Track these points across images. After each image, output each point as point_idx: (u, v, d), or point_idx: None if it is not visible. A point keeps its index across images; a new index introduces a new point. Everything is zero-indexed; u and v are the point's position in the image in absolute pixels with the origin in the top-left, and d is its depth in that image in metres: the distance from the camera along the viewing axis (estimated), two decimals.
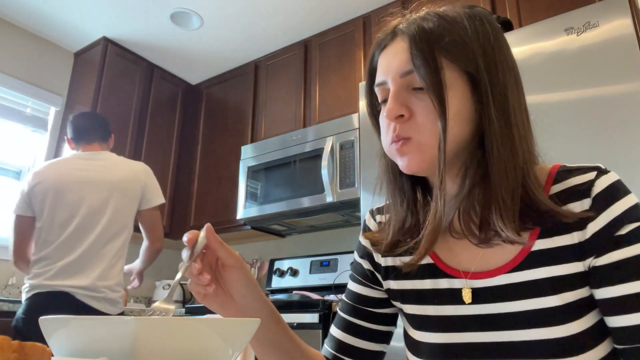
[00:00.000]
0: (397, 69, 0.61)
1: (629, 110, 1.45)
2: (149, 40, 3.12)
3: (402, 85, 0.61)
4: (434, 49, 0.58)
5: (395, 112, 0.59)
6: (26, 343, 0.34)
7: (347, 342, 0.73)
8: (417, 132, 0.59)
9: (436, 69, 0.58)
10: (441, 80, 0.57)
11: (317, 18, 2.87)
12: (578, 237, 0.57)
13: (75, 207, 1.83)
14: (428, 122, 0.58)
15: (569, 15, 1.63)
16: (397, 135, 0.60)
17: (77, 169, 1.90)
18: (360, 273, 0.76)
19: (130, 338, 0.38)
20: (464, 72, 0.59)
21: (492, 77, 0.59)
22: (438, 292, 0.65)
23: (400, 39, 0.63)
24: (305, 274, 2.73)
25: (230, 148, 3.16)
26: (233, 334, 0.45)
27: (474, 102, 0.59)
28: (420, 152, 0.59)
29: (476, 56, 0.59)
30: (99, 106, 2.94)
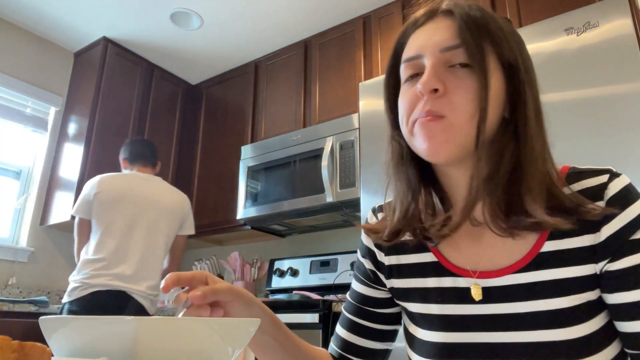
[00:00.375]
0: (437, 44, 0.59)
1: (629, 110, 1.45)
2: (149, 40, 3.12)
3: (441, 60, 0.58)
4: (481, 30, 0.58)
5: (431, 84, 0.56)
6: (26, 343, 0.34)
7: (352, 342, 0.73)
8: (451, 111, 0.56)
9: (483, 48, 0.57)
10: (486, 60, 0.56)
11: (317, 18, 2.87)
12: (590, 240, 0.56)
13: (134, 218, 2.08)
14: (464, 101, 0.56)
15: (569, 15, 1.63)
16: (428, 110, 0.57)
17: (138, 186, 2.15)
18: (362, 273, 0.76)
19: (130, 338, 0.38)
20: (502, 61, 0.58)
21: (527, 71, 0.59)
22: (442, 290, 0.64)
23: (442, 18, 0.61)
24: (305, 274, 2.73)
25: (230, 148, 3.16)
26: (233, 334, 0.45)
27: (507, 92, 0.59)
28: (449, 133, 0.56)
29: (514, 48, 0.59)
30: (99, 106, 2.94)
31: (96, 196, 2.07)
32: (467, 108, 0.56)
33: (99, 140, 2.91)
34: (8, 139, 2.95)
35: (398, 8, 2.62)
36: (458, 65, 0.57)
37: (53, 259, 2.93)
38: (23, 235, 2.87)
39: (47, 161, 3.02)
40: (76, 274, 2.00)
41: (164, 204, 2.17)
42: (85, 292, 1.93)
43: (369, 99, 2.09)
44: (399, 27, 2.58)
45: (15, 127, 2.97)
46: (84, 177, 2.80)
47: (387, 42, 2.61)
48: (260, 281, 3.04)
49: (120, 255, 2.01)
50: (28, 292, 2.76)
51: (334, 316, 1.99)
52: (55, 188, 2.92)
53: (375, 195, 1.95)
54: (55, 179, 2.95)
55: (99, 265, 1.97)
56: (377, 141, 2.01)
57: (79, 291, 1.94)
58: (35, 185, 2.96)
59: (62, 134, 3.06)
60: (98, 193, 2.08)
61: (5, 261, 2.72)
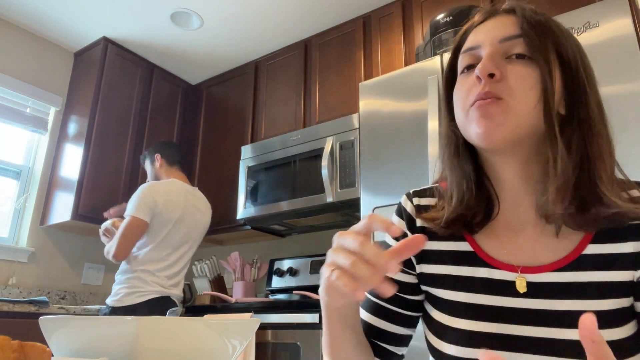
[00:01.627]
0: (497, 35, 0.61)
1: (629, 110, 1.45)
2: (149, 40, 3.12)
3: (499, 50, 0.60)
4: (542, 26, 0.60)
5: (489, 69, 0.58)
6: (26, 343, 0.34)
7: (378, 326, 0.71)
8: (510, 95, 0.57)
9: (545, 40, 0.59)
10: (548, 49, 0.58)
11: (317, 18, 2.87)
12: (634, 247, 0.57)
13: (187, 233, 2.26)
14: (521, 87, 0.58)
15: (569, 15, 1.63)
16: (487, 92, 0.58)
17: (190, 200, 2.30)
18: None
19: (130, 338, 0.38)
20: (561, 59, 0.60)
21: (587, 72, 0.61)
22: (475, 280, 0.64)
23: (503, 15, 0.63)
24: (305, 274, 2.73)
25: (230, 148, 3.16)
26: (233, 334, 0.45)
27: (565, 89, 0.60)
28: (507, 115, 0.57)
29: (574, 49, 0.61)
30: (99, 106, 2.94)
31: (163, 206, 2.17)
32: (525, 94, 0.57)
33: (99, 140, 2.91)
34: (8, 139, 2.95)
35: (398, 8, 2.62)
36: (514, 56, 0.59)
37: (53, 259, 2.93)
38: (23, 235, 2.87)
39: (47, 161, 3.02)
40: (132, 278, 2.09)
41: (204, 221, 2.39)
42: (145, 297, 2.07)
43: (369, 99, 2.09)
44: (399, 27, 2.58)
45: (15, 127, 2.97)
46: (84, 177, 2.80)
47: (387, 42, 2.61)
48: (260, 281, 3.04)
49: (172, 265, 2.20)
50: (28, 292, 2.76)
51: None
52: (55, 188, 2.92)
53: (375, 195, 1.95)
54: (55, 179, 2.95)
55: (160, 275, 2.15)
56: (377, 141, 2.01)
57: (142, 296, 2.07)
58: (35, 185, 2.96)
59: (62, 134, 3.06)
60: (166, 202, 2.19)
61: (5, 261, 2.72)
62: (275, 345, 2.08)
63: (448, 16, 2.03)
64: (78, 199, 2.74)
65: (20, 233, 2.89)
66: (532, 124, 0.58)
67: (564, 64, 0.60)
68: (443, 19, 2.04)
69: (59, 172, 2.95)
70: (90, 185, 2.81)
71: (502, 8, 0.64)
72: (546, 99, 0.57)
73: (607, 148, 0.59)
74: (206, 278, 2.96)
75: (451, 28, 2.00)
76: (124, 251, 2.10)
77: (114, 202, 2.82)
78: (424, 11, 2.51)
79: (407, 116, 1.95)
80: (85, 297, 3.03)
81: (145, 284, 2.08)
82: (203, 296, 2.80)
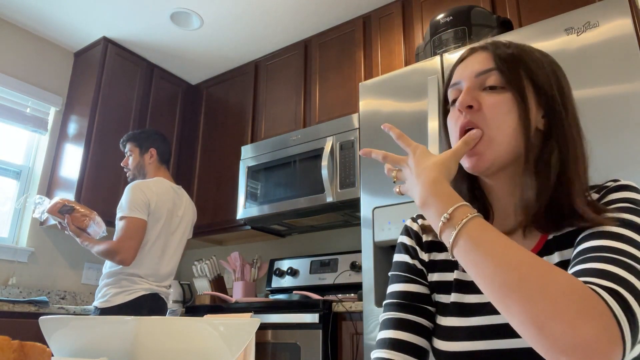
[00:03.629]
0: (473, 70, 0.70)
1: (629, 110, 1.45)
2: (149, 40, 3.12)
3: (475, 83, 0.69)
4: (514, 56, 0.69)
5: (466, 101, 0.67)
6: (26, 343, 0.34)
7: (402, 339, 0.71)
8: (486, 126, 0.66)
9: (516, 70, 0.67)
10: (520, 77, 0.67)
11: (317, 18, 2.87)
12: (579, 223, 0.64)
13: (173, 233, 2.21)
14: (496, 116, 0.66)
15: (569, 15, 1.63)
16: (467, 122, 0.67)
17: (176, 200, 2.24)
18: (405, 269, 0.79)
19: (130, 338, 0.38)
20: (534, 83, 0.67)
21: (562, 93, 0.68)
22: (461, 282, 0.71)
23: (479, 52, 0.72)
24: (305, 274, 2.73)
25: (230, 148, 3.16)
26: (233, 334, 0.45)
27: (538, 110, 0.67)
28: (488, 146, 0.66)
29: (547, 73, 0.68)
30: (99, 106, 2.94)
31: (155, 206, 2.13)
32: (499, 124, 0.66)
33: (99, 140, 2.91)
34: (8, 139, 2.95)
35: (398, 8, 2.62)
36: (490, 88, 0.68)
37: (53, 259, 2.93)
38: (23, 235, 2.87)
39: (47, 161, 3.02)
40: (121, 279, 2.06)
41: (189, 218, 2.33)
42: (142, 293, 2.04)
43: (369, 99, 2.09)
44: (399, 27, 2.58)
45: (15, 127, 2.97)
46: (84, 177, 2.80)
47: (387, 42, 2.61)
48: (260, 281, 3.04)
49: (164, 265, 2.17)
50: (28, 292, 2.76)
51: (334, 316, 1.99)
52: (55, 188, 2.92)
53: (375, 195, 1.95)
54: (55, 179, 2.95)
55: (150, 273, 2.11)
56: (377, 141, 2.01)
57: (125, 295, 2.03)
58: (35, 185, 2.96)
59: (62, 134, 3.06)
60: (157, 201, 2.13)
61: (5, 261, 2.72)
62: (275, 345, 2.08)
63: (448, 16, 2.03)
64: (78, 199, 2.74)
65: (20, 233, 2.89)
66: (513, 146, 0.66)
67: (538, 88, 0.67)
68: (443, 19, 2.04)
69: (59, 172, 2.95)
70: (90, 185, 2.81)
71: (479, 46, 0.73)
72: (523, 122, 0.65)
73: (582, 161, 0.67)
74: (206, 278, 2.96)
75: (451, 28, 2.00)
76: (132, 253, 2.01)
77: (114, 202, 2.82)
78: (424, 11, 2.51)
79: (407, 116, 1.95)
80: (85, 297, 3.03)
81: (133, 283, 2.05)
82: (203, 296, 2.80)
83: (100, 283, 2.09)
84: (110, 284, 2.05)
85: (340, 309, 1.97)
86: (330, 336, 1.97)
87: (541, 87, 0.67)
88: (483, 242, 0.54)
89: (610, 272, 0.51)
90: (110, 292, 2.02)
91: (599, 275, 0.50)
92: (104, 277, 2.09)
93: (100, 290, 2.07)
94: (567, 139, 0.66)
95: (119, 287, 2.02)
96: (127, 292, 2.02)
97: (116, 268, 2.05)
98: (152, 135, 2.33)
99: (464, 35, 1.96)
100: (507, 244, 0.53)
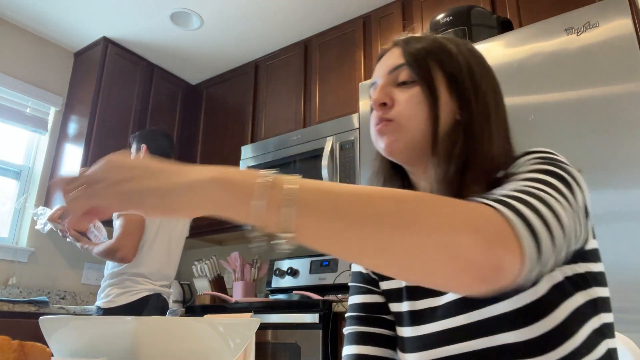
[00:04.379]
0: (387, 67, 0.71)
1: (628, 110, 1.45)
2: (149, 40, 3.12)
3: (389, 80, 0.70)
4: (424, 50, 0.69)
5: (379, 100, 0.68)
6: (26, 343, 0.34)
7: (367, 354, 0.71)
8: (398, 116, 0.67)
9: (424, 63, 0.68)
10: (430, 71, 0.67)
11: (317, 18, 2.87)
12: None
13: (173, 229, 2.22)
14: (408, 108, 0.67)
15: (569, 15, 1.63)
16: (380, 117, 0.69)
17: None
18: (360, 280, 0.77)
19: (130, 338, 0.38)
20: (447, 73, 0.67)
21: (474, 81, 0.67)
22: (410, 288, 0.70)
23: (393, 49, 0.74)
24: (305, 274, 2.73)
25: (230, 148, 3.16)
26: (233, 334, 0.45)
27: (453, 100, 0.67)
28: (398, 132, 0.67)
29: (459, 62, 0.68)
30: (99, 106, 2.94)
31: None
32: (411, 113, 0.66)
33: (99, 140, 2.91)
34: (8, 139, 2.95)
35: (398, 8, 2.62)
36: (402, 83, 0.69)
37: (53, 259, 2.93)
38: (23, 235, 2.87)
39: (47, 161, 3.02)
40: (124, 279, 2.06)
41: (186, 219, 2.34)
42: (142, 295, 2.05)
43: (369, 99, 2.09)
44: (399, 27, 2.58)
45: (15, 127, 2.97)
46: None
47: (387, 42, 2.61)
48: (260, 281, 3.04)
49: (164, 265, 2.18)
50: (28, 292, 2.76)
51: (334, 316, 1.99)
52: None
53: None
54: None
55: (150, 275, 2.12)
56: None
57: (129, 295, 2.04)
58: (35, 185, 2.96)
59: (62, 134, 3.06)
60: None
61: (5, 261, 2.72)
62: (275, 345, 2.08)
63: (448, 16, 2.03)
64: None
65: (20, 233, 2.89)
66: (425, 136, 0.66)
67: (451, 79, 0.67)
68: (443, 19, 2.04)
69: (59, 172, 2.95)
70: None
71: (392, 43, 0.75)
72: (432, 114, 0.65)
73: (489, 149, 0.64)
74: (206, 278, 2.96)
75: (451, 28, 2.00)
76: (132, 249, 2.01)
77: None
78: (424, 11, 2.51)
79: None
80: (85, 297, 3.03)
81: (137, 283, 2.06)
82: (203, 296, 2.80)
83: (103, 284, 2.10)
84: (114, 284, 2.05)
85: (340, 309, 1.97)
86: (330, 336, 1.96)
87: (454, 78, 0.67)
88: (341, 196, 0.42)
89: (509, 194, 0.48)
90: (114, 293, 2.03)
91: (496, 199, 0.47)
92: (106, 278, 2.09)
93: (104, 290, 2.07)
94: (474, 128, 0.65)
95: (122, 287, 2.03)
96: (130, 293, 2.03)
97: (119, 268, 2.05)
98: (146, 132, 2.35)
99: (464, 36, 1.96)
100: (363, 188, 0.43)
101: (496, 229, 0.42)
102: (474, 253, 0.40)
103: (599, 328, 0.57)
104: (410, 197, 0.43)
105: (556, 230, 0.46)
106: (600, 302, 0.58)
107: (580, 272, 0.58)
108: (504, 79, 1.85)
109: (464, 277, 0.40)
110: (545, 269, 0.45)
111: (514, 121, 0.71)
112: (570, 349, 0.54)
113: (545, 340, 0.55)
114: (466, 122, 0.66)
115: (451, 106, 0.67)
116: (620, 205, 1.38)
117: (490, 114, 0.67)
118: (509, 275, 0.41)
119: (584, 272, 0.58)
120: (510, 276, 0.41)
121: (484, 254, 0.40)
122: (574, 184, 0.54)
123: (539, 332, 0.55)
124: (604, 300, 0.59)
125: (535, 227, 0.44)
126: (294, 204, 0.41)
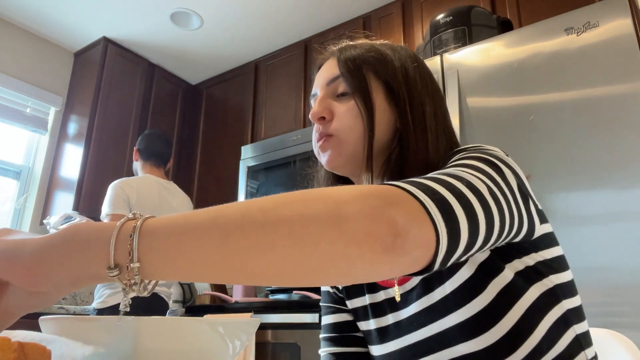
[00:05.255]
0: (324, 79, 0.69)
1: (628, 110, 1.45)
2: (149, 40, 3.12)
3: (328, 92, 0.68)
4: (359, 59, 0.67)
5: (318, 114, 0.66)
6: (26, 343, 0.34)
7: None
8: (337, 130, 0.65)
9: (360, 73, 0.65)
10: (365, 82, 0.65)
11: (317, 18, 2.87)
12: None
13: None
14: (347, 121, 0.64)
15: (569, 15, 1.63)
16: (320, 133, 0.67)
17: (164, 196, 2.21)
18: (329, 300, 0.77)
19: (130, 338, 0.38)
20: (383, 82, 0.65)
21: (410, 88, 0.65)
22: (376, 305, 0.68)
23: (330, 59, 0.71)
24: None
25: (230, 148, 3.16)
26: (233, 334, 0.45)
27: (392, 108, 0.65)
28: (339, 147, 0.65)
29: (395, 70, 0.66)
30: (99, 106, 2.94)
31: (135, 203, 2.10)
32: (350, 126, 0.64)
33: (99, 140, 2.91)
34: (8, 139, 2.95)
35: (398, 8, 2.62)
36: (342, 94, 0.67)
37: None
38: None
39: (47, 161, 3.02)
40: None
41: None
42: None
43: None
44: (399, 27, 2.58)
45: (15, 127, 2.97)
46: (84, 177, 2.80)
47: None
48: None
49: None
50: None
51: None
52: (55, 188, 2.92)
53: None
54: (55, 179, 2.95)
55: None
56: None
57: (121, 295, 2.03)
58: (35, 185, 2.96)
59: (62, 134, 3.06)
60: (137, 202, 2.10)
61: None
62: (275, 345, 2.08)
63: (448, 16, 2.03)
64: (78, 199, 2.74)
65: None
66: (364, 149, 0.64)
67: (386, 87, 0.65)
68: (443, 19, 2.04)
69: (59, 172, 2.95)
70: (90, 185, 2.81)
71: (329, 52, 0.73)
72: (367, 125, 0.63)
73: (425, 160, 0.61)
74: None
75: (451, 28, 2.00)
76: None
77: None
78: (424, 11, 2.51)
79: None
80: (85, 297, 3.03)
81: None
82: (203, 296, 2.80)
83: (98, 284, 2.09)
84: (106, 284, 2.04)
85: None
86: None
87: (389, 86, 0.65)
88: (194, 214, 0.38)
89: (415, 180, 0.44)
90: (106, 293, 2.02)
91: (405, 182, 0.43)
92: None
93: (98, 291, 2.07)
94: (409, 138, 0.63)
95: (114, 287, 2.01)
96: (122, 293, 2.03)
97: None
98: (142, 135, 2.39)
99: (464, 36, 1.96)
100: (212, 209, 0.39)
101: (380, 192, 0.38)
102: (361, 219, 0.35)
103: (562, 316, 0.56)
104: (285, 195, 0.40)
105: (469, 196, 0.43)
106: (559, 289, 0.57)
107: (531, 265, 0.56)
108: (504, 79, 1.85)
109: (364, 249, 0.35)
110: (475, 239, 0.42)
111: (514, 121, 0.70)
112: (530, 348, 0.53)
113: (502, 345, 0.54)
114: (402, 131, 0.64)
115: (390, 115, 0.65)
116: (620, 205, 1.38)
117: (427, 121, 0.64)
118: (413, 237, 0.36)
119: (535, 264, 0.56)
120: (417, 238, 0.37)
121: (372, 216, 0.36)
122: (502, 165, 0.53)
123: (494, 338, 0.54)
124: (565, 285, 0.57)
125: (437, 190, 0.41)
126: (135, 231, 0.37)
